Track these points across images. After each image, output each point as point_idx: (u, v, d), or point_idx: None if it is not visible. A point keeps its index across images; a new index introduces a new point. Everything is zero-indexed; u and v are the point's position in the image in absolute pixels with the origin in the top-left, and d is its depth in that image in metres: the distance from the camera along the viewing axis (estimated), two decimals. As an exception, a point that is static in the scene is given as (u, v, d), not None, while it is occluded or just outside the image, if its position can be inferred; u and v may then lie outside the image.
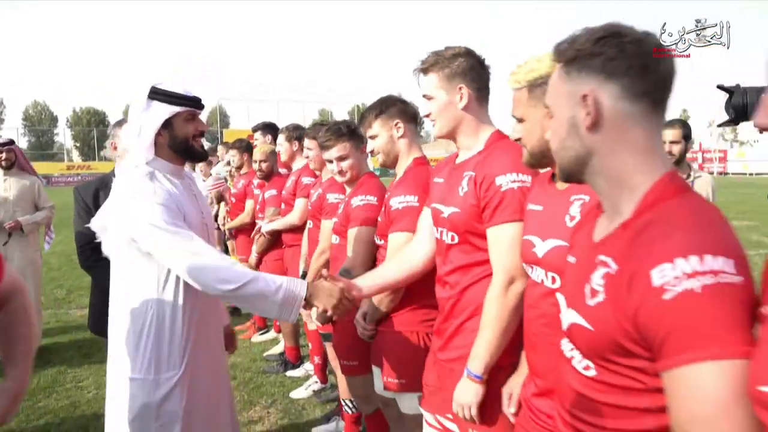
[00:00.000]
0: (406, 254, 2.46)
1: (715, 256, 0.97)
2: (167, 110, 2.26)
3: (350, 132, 3.09)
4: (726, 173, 51.42)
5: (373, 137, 2.72)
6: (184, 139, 2.34)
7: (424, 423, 2.40)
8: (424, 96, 2.25)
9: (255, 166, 5.43)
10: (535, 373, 1.77)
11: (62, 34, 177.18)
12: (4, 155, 5.62)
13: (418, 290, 2.55)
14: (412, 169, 2.71)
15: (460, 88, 2.15)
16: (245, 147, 6.37)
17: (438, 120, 2.22)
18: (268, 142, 5.72)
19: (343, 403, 3.67)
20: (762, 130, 0.89)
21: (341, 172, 3.11)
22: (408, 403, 2.60)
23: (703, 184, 4.04)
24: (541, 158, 1.79)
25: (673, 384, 1.00)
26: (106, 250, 2.34)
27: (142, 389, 2.23)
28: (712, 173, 43.00)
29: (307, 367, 5.16)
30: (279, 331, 5.92)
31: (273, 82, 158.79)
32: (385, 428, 3.14)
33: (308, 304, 2.24)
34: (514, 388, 1.93)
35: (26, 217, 5.61)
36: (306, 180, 4.62)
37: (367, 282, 2.40)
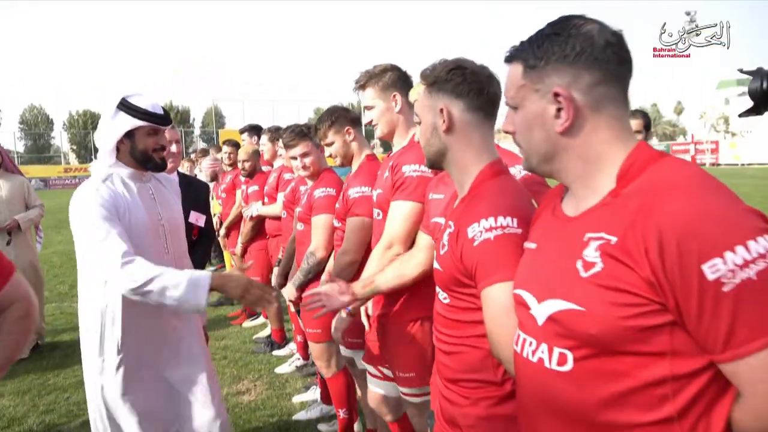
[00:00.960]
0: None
1: (505, 217, 1.50)
2: (130, 122, 2.43)
3: (311, 133, 3.59)
4: (718, 164, 52.04)
5: (329, 144, 3.21)
6: (144, 151, 2.50)
7: (368, 374, 2.92)
8: (365, 107, 2.76)
9: (240, 165, 5.94)
10: None
11: (57, 37, 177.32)
12: None
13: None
14: (365, 164, 3.20)
15: (395, 96, 2.66)
16: (238, 145, 6.90)
17: (379, 124, 2.73)
18: (254, 142, 6.22)
19: (318, 370, 4.17)
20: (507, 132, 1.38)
21: (304, 167, 3.62)
22: (359, 360, 3.12)
23: None
24: None
25: (483, 300, 1.52)
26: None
27: (94, 370, 2.45)
28: (704, 164, 43.68)
29: (292, 346, 5.68)
30: (266, 317, 6.44)
31: (269, 82, 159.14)
32: (347, 386, 3.65)
33: (217, 291, 2.31)
34: None
35: (21, 215, 5.71)
36: (287, 176, 5.12)
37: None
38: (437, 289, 1.76)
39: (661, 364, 1.09)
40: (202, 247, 3.85)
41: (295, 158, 3.63)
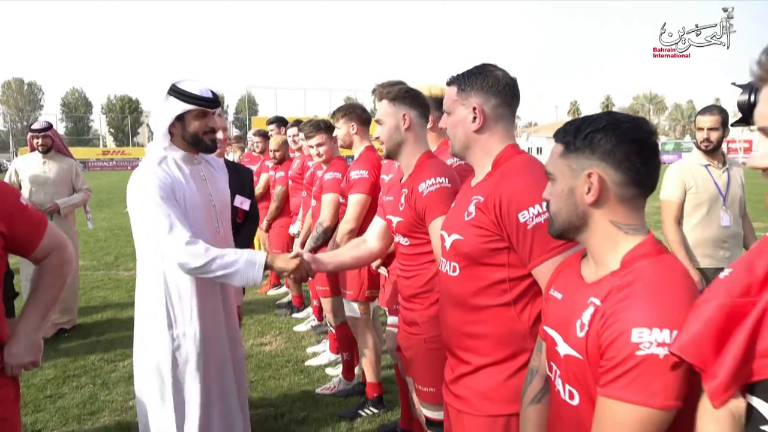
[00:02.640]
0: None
1: (439, 177, 2.34)
2: (179, 107, 2.55)
3: (326, 127, 4.43)
4: (751, 163, 51.13)
5: (338, 128, 4.05)
6: (194, 134, 2.60)
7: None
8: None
9: (271, 154, 6.78)
10: None
11: (99, 21, 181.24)
12: (40, 140, 5.77)
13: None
14: (364, 153, 4.02)
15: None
16: (266, 135, 7.73)
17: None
18: (280, 132, 7.07)
19: (327, 324, 5.02)
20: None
21: (318, 155, 4.47)
22: (352, 308, 3.97)
23: (737, 173, 4.06)
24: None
25: (429, 231, 2.35)
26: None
27: (162, 341, 2.54)
28: (744, 164, 43.18)
29: (309, 310, 6.55)
30: (288, 286, 7.32)
31: (301, 70, 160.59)
32: (350, 334, 4.48)
33: (269, 268, 2.56)
34: None
35: (64, 199, 5.82)
36: (310, 163, 5.95)
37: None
38: (398, 237, 2.59)
39: (503, 270, 1.88)
40: (247, 229, 4.01)
41: (311, 146, 4.49)
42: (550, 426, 1.56)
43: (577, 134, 1.42)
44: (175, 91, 2.56)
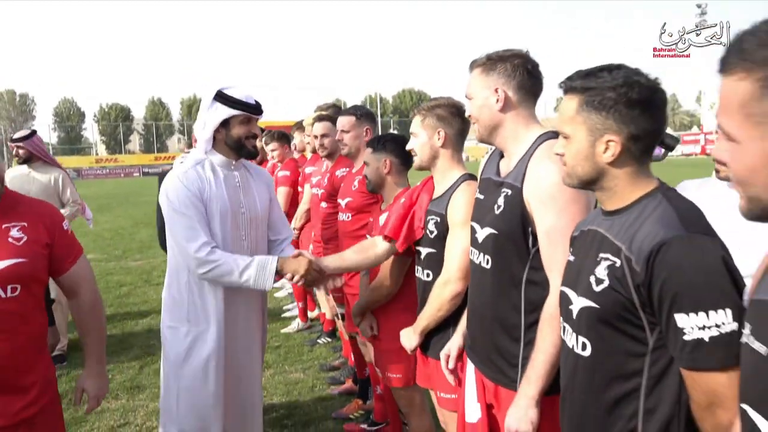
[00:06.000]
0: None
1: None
2: (226, 112, 2.62)
3: (281, 137, 6.02)
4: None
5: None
6: (237, 139, 2.67)
7: None
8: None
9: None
10: None
11: (90, 31, 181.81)
12: (16, 150, 5.35)
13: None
14: (314, 156, 5.61)
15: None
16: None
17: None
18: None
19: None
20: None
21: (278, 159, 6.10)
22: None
23: None
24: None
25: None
26: None
27: (176, 337, 2.67)
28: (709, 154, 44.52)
29: (284, 282, 8.14)
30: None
31: (288, 71, 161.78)
32: (303, 290, 6.08)
33: (280, 273, 2.66)
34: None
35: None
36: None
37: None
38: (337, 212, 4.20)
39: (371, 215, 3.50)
40: None
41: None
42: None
43: (379, 142, 3.04)
44: (222, 97, 2.65)
